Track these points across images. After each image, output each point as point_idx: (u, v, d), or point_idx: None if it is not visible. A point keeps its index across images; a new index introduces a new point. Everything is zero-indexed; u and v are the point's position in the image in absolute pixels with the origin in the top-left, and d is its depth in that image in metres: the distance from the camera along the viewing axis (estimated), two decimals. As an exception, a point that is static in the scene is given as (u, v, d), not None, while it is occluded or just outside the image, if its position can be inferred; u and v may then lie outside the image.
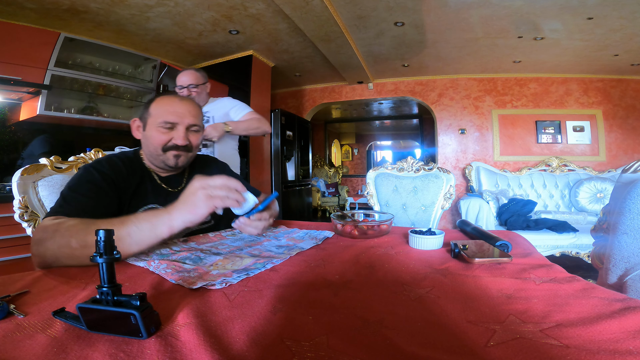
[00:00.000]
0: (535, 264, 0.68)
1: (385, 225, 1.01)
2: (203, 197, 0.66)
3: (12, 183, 1.07)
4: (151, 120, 0.97)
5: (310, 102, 5.17)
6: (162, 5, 2.50)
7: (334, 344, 0.38)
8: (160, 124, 0.95)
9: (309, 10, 2.45)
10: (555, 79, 4.10)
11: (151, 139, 0.96)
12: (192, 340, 0.38)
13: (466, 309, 0.47)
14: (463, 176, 4.29)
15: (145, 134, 0.98)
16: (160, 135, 0.95)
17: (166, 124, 0.95)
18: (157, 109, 0.97)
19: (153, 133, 0.96)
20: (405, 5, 2.56)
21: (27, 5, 2.34)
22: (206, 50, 3.46)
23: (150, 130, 0.96)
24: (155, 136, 0.95)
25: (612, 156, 3.95)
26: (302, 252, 0.81)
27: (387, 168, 1.89)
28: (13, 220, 1.06)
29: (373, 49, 3.53)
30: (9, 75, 2.13)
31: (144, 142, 1.00)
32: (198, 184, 0.67)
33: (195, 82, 1.78)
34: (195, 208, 0.66)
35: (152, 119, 0.96)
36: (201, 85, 1.80)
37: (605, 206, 0.91)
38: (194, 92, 1.78)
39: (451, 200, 1.72)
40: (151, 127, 0.96)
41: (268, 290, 0.55)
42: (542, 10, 2.57)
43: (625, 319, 0.41)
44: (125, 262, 0.70)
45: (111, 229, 0.42)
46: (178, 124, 0.97)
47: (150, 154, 0.99)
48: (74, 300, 0.50)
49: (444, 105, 4.45)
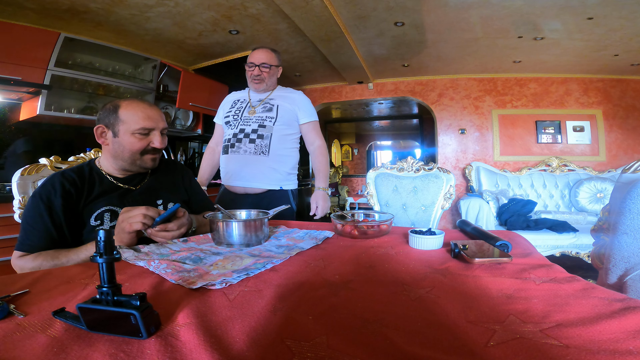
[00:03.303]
0: (535, 264, 0.68)
1: (385, 225, 1.01)
2: (122, 227, 0.83)
3: (12, 183, 1.07)
4: (124, 127, 0.97)
5: (310, 102, 5.16)
6: (162, 5, 2.49)
7: (334, 344, 0.38)
8: (137, 131, 0.97)
9: (309, 10, 2.45)
10: (555, 79, 4.10)
11: (128, 145, 0.98)
12: (192, 340, 0.38)
13: (466, 309, 0.47)
14: (463, 176, 4.29)
15: (118, 140, 0.98)
16: (137, 142, 0.98)
17: (143, 130, 0.98)
18: (128, 116, 0.97)
19: (129, 139, 0.97)
20: (405, 5, 2.56)
21: (27, 5, 2.34)
22: (206, 50, 3.46)
23: (125, 136, 0.97)
24: (132, 142, 0.98)
25: (612, 156, 3.95)
26: (302, 252, 0.81)
27: (387, 168, 1.89)
28: (13, 220, 1.06)
29: (373, 49, 3.53)
30: (9, 75, 2.13)
31: (114, 147, 0.99)
32: (120, 217, 0.84)
33: (269, 62, 1.60)
34: (119, 235, 0.83)
35: (125, 125, 0.97)
36: (274, 67, 1.62)
37: (605, 206, 0.91)
38: (265, 72, 1.58)
39: (451, 200, 1.72)
40: (125, 134, 0.97)
41: (268, 290, 0.55)
42: (542, 10, 2.57)
43: (625, 319, 0.41)
44: (125, 262, 0.71)
45: (111, 230, 0.42)
46: (154, 129, 1.00)
47: (124, 158, 1.00)
48: (74, 300, 0.50)
49: (444, 105, 4.45)
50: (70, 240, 0.89)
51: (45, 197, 0.87)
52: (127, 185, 1.03)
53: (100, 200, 0.95)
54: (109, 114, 0.98)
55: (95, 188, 0.96)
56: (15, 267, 0.84)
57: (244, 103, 1.62)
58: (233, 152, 1.54)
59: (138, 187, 1.05)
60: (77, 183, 0.93)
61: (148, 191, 1.06)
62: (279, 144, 1.56)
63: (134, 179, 1.05)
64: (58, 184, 0.90)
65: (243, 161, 1.53)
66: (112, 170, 1.03)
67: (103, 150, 1.03)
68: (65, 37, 2.41)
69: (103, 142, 1.00)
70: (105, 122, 0.98)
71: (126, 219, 0.83)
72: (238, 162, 1.53)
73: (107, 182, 1.00)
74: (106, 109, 0.99)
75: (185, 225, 0.92)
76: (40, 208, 0.86)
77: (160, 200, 1.06)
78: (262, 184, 1.54)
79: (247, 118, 1.57)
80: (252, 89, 1.62)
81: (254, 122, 1.55)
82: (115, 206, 0.96)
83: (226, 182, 1.59)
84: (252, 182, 1.54)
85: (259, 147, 1.53)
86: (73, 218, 0.90)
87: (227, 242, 0.86)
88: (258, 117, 1.57)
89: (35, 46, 2.27)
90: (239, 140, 1.53)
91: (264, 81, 1.59)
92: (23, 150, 2.51)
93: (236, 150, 1.53)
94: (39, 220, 0.86)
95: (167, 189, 1.11)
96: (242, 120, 1.56)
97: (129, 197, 1.01)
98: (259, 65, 1.57)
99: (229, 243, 0.86)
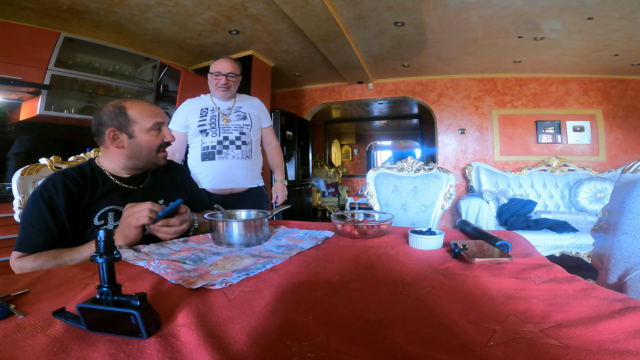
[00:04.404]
0: (535, 264, 0.68)
1: (385, 225, 1.01)
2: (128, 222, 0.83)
3: (12, 183, 1.07)
4: (138, 126, 0.97)
5: (310, 102, 5.16)
6: (162, 5, 2.50)
7: (334, 344, 0.38)
8: (151, 128, 0.98)
9: (309, 10, 2.45)
10: (555, 79, 4.10)
11: (146, 144, 0.98)
12: (192, 340, 0.38)
13: (466, 309, 0.47)
14: (463, 176, 4.29)
15: (136, 141, 0.97)
16: (154, 139, 0.99)
17: (156, 126, 0.99)
18: (138, 115, 0.97)
19: (146, 138, 0.98)
20: (405, 5, 2.56)
21: (27, 5, 2.34)
22: (206, 50, 3.46)
23: (142, 135, 0.97)
24: (149, 140, 0.98)
25: (612, 156, 3.95)
26: (302, 252, 0.81)
27: (387, 168, 1.89)
28: (13, 220, 1.06)
29: (373, 49, 3.53)
30: (9, 75, 2.13)
31: (132, 149, 0.98)
32: (125, 213, 0.84)
33: (235, 71, 1.70)
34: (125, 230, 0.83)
35: (139, 125, 0.97)
36: (238, 76, 1.73)
37: (605, 206, 0.91)
38: (231, 81, 1.69)
39: (451, 200, 1.72)
40: (141, 133, 0.97)
41: (268, 290, 0.55)
42: (542, 10, 2.57)
43: (625, 319, 0.41)
44: (125, 262, 0.71)
45: (111, 230, 0.42)
46: (164, 123, 1.03)
47: (141, 157, 1.00)
48: (74, 300, 0.50)
49: (444, 105, 4.45)
50: (73, 240, 0.88)
51: (46, 196, 0.86)
52: (129, 185, 1.02)
53: (103, 200, 0.94)
54: (117, 116, 0.95)
55: (98, 188, 0.96)
56: (14, 268, 0.82)
57: (215, 111, 1.70)
58: (221, 158, 1.65)
59: (140, 187, 1.05)
60: (79, 182, 0.92)
61: (150, 191, 1.06)
62: (255, 148, 1.78)
63: (136, 179, 1.05)
64: (60, 183, 0.88)
65: (231, 165, 1.66)
66: (117, 170, 1.01)
67: (111, 152, 0.99)
68: (65, 37, 2.41)
69: (117, 146, 0.97)
70: (116, 124, 0.95)
71: (131, 214, 0.83)
72: (226, 167, 1.66)
73: (110, 182, 0.99)
74: (110, 112, 0.96)
75: (187, 221, 0.92)
76: (41, 208, 0.85)
77: (162, 200, 1.06)
78: (247, 183, 1.73)
79: (225, 126, 1.68)
80: (218, 96, 1.72)
81: (234, 130, 1.69)
82: (118, 206, 0.96)
83: (211, 185, 1.66)
84: (240, 183, 1.70)
85: (244, 152, 1.70)
86: (76, 217, 0.89)
87: (227, 242, 0.86)
88: (236, 124, 1.70)
89: (35, 46, 2.28)
90: (226, 147, 1.66)
91: (229, 89, 1.70)
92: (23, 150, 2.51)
93: (224, 156, 1.65)
94: (40, 220, 0.85)
95: (168, 188, 1.12)
96: (221, 129, 1.67)
97: (132, 196, 1.00)
98: (226, 75, 1.67)
99: (229, 243, 0.86)
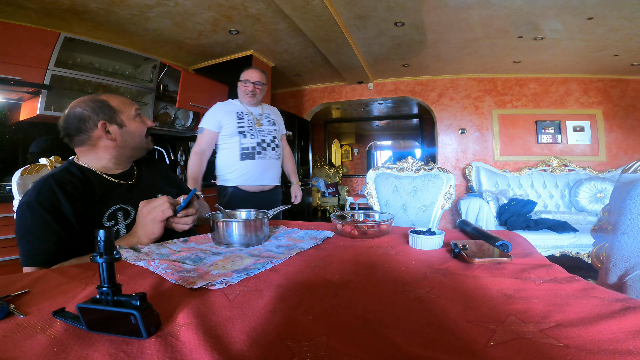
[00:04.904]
0: (535, 264, 0.68)
1: (385, 225, 1.01)
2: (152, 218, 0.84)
3: (12, 183, 1.07)
4: (124, 115, 0.98)
5: (310, 102, 5.16)
6: (162, 5, 2.50)
7: (334, 344, 0.38)
8: (135, 115, 1.01)
9: (309, 10, 2.45)
10: (555, 79, 4.10)
11: (137, 130, 1.01)
12: (192, 340, 0.38)
13: (466, 309, 0.47)
14: (463, 176, 4.29)
15: (127, 130, 0.98)
16: (141, 125, 1.02)
17: (138, 111, 1.02)
18: (120, 104, 0.99)
19: (135, 124, 1.00)
20: (405, 5, 2.56)
21: (27, 5, 2.34)
22: (206, 50, 3.46)
23: (131, 123, 0.99)
24: (138, 126, 1.01)
25: (612, 156, 3.95)
26: (302, 252, 0.81)
27: (387, 168, 1.89)
28: (13, 220, 1.05)
29: (373, 49, 3.53)
30: (9, 75, 2.12)
31: (124, 138, 0.97)
32: (144, 210, 0.85)
33: (262, 81, 1.88)
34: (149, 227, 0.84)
35: (125, 114, 0.98)
36: (264, 85, 1.90)
37: (605, 206, 0.90)
38: (258, 89, 1.87)
39: (451, 200, 1.72)
40: (129, 121, 0.99)
41: (268, 290, 0.55)
42: (542, 10, 2.57)
43: (625, 319, 0.41)
44: (125, 262, 0.71)
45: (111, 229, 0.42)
46: (141, 109, 1.06)
47: (134, 146, 1.01)
48: (74, 300, 0.50)
49: (444, 105, 4.45)
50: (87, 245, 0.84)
51: (47, 204, 0.81)
52: (123, 181, 1.00)
53: (107, 200, 0.92)
54: (101, 109, 0.94)
55: (95, 188, 0.92)
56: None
57: (249, 116, 1.87)
58: (260, 157, 1.84)
59: (134, 181, 1.03)
60: (76, 185, 0.88)
61: (148, 186, 1.06)
62: (282, 151, 2.01)
63: (126, 174, 1.03)
64: (57, 189, 0.84)
65: (268, 165, 1.87)
66: (107, 167, 0.98)
67: (98, 149, 0.96)
68: (65, 37, 2.41)
69: (110, 138, 0.94)
70: (103, 117, 0.93)
71: (153, 210, 0.84)
72: (263, 166, 1.85)
73: (105, 181, 0.96)
74: (92, 107, 0.93)
75: (197, 209, 0.94)
76: (44, 217, 0.80)
77: (160, 194, 1.05)
78: (275, 181, 1.96)
79: (259, 129, 1.86)
80: (246, 102, 1.90)
81: (268, 134, 1.88)
82: (124, 204, 0.94)
83: (244, 182, 1.83)
84: (272, 181, 1.92)
85: (277, 153, 1.93)
86: (84, 222, 0.85)
87: (227, 242, 0.86)
88: (268, 129, 1.90)
89: (35, 46, 2.27)
90: (264, 149, 1.85)
91: (255, 96, 1.88)
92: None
93: (263, 156, 1.84)
94: (47, 230, 0.80)
95: (162, 182, 1.13)
96: (257, 132, 1.85)
97: (134, 193, 0.99)
98: (254, 83, 1.85)
99: (229, 243, 0.86)
